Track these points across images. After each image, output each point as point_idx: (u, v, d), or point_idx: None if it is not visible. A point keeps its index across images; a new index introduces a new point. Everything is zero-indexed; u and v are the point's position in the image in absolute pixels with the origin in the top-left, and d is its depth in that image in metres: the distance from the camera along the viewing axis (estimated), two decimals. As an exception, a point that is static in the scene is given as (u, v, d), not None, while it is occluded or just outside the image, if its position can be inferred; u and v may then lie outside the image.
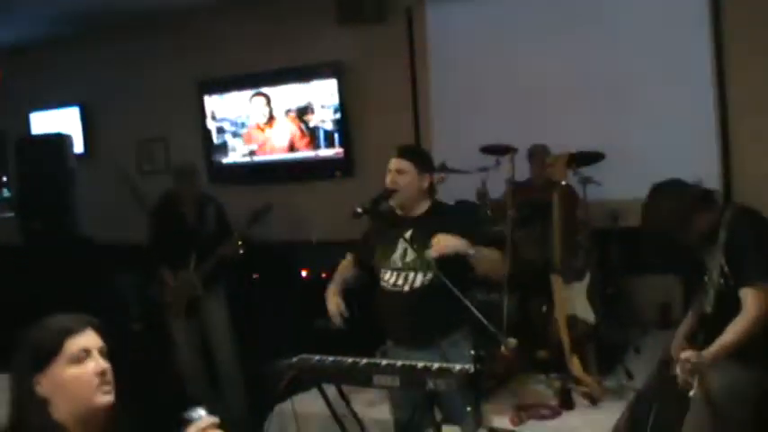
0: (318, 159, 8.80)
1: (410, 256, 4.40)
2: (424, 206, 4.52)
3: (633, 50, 7.36)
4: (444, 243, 4.12)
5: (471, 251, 4.10)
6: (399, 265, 4.43)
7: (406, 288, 4.40)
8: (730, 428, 3.96)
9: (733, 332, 3.76)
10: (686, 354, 3.72)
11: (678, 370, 3.79)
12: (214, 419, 2.40)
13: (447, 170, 6.53)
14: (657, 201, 4.12)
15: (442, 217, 4.47)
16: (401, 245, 4.44)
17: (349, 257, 4.86)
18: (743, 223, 3.93)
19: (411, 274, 4.37)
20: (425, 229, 4.37)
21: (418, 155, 4.58)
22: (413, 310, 4.34)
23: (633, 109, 7.35)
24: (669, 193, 4.10)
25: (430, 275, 4.30)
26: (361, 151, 8.67)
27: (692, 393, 3.55)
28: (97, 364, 2.43)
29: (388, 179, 4.44)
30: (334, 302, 4.57)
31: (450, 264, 4.18)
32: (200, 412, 2.40)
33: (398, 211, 4.52)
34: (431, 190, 4.59)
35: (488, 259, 4.32)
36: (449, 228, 4.28)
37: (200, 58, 9.29)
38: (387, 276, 4.50)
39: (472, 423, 3.14)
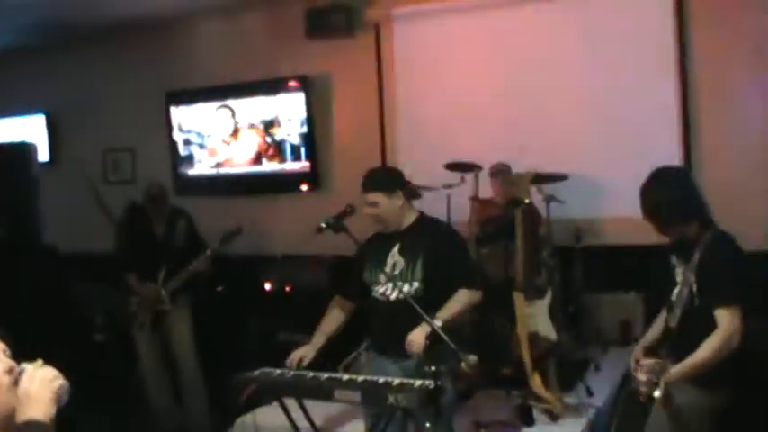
0: (285, 173, 8.78)
1: (398, 268, 4.45)
2: (410, 218, 4.58)
3: (596, 72, 7.43)
4: (417, 341, 4.12)
5: (438, 323, 4.09)
6: (386, 278, 4.46)
7: (392, 297, 4.45)
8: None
9: (706, 351, 3.79)
10: (651, 360, 3.76)
11: (640, 375, 3.82)
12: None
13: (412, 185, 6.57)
14: (668, 181, 4.13)
15: (430, 231, 4.54)
16: (390, 259, 4.49)
17: (337, 299, 4.83)
18: (720, 248, 3.95)
19: (398, 285, 4.40)
20: (412, 240, 4.47)
21: (382, 181, 4.59)
22: (396, 318, 4.35)
23: (596, 129, 7.40)
24: (681, 177, 4.16)
25: (416, 285, 4.35)
26: (327, 165, 8.67)
27: (656, 394, 3.57)
28: (4, 363, 2.31)
29: (365, 212, 4.50)
30: (299, 355, 4.53)
31: (436, 274, 4.31)
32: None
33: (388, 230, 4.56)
34: (410, 197, 4.64)
35: (459, 311, 4.37)
36: (434, 242, 4.42)
37: (168, 69, 9.28)
38: (376, 288, 4.53)
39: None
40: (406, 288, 4.37)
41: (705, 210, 4.10)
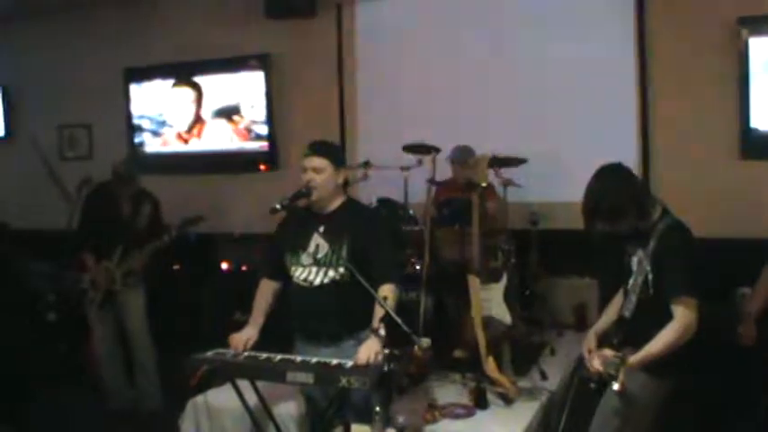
0: (243, 152, 8.76)
1: (322, 251, 4.41)
2: (337, 202, 4.53)
3: (558, 57, 7.45)
4: (367, 354, 4.03)
5: (382, 332, 4.03)
6: (311, 260, 4.43)
7: (317, 282, 4.42)
8: (634, 431, 4.05)
9: (661, 342, 3.83)
10: (610, 351, 3.78)
11: (598, 364, 3.84)
12: None
13: (370, 167, 6.56)
14: (608, 179, 4.11)
15: (355, 216, 4.50)
16: (313, 241, 4.45)
17: (265, 282, 4.78)
18: (674, 238, 3.99)
19: (322, 270, 4.38)
20: (338, 224, 4.42)
21: (333, 151, 4.56)
22: (321, 304, 4.35)
23: (555, 114, 7.44)
24: (620, 175, 4.12)
25: (341, 271, 4.32)
26: (286, 145, 8.64)
27: (615, 387, 3.60)
28: None
29: (306, 177, 4.42)
30: (244, 338, 4.50)
31: (361, 261, 4.25)
32: None
33: (313, 209, 4.52)
34: (345, 184, 4.61)
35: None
36: (360, 229, 4.37)
37: (127, 45, 9.20)
38: (298, 272, 4.50)
39: (381, 422, 3.15)
40: (331, 273, 4.35)
41: (650, 202, 4.12)
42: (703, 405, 5.57)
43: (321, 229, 4.44)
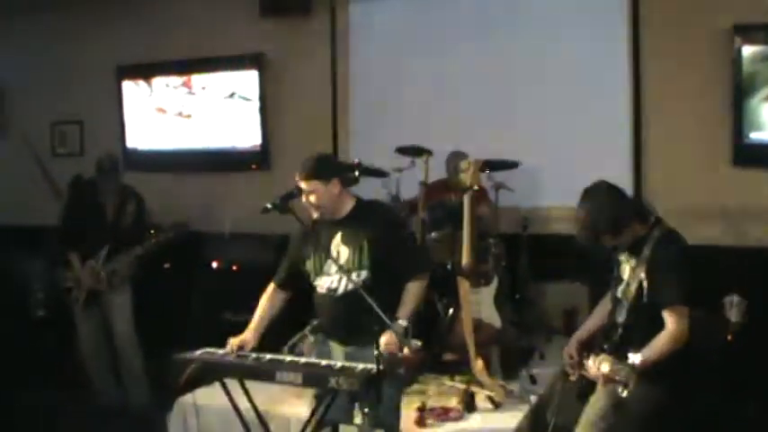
0: (236, 151, 8.75)
1: (343, 258, 4.41)
2: (348, 206, 4.53)
3: (552, 64, 7.47)
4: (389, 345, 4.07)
5: (404, 323, 4.09)
6: (333, 270, 4.43)
7: (341, 291, 4.41)
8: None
9: (654, 349, 3.84)
10: (620, 364, 3.78)
11: (604, 368, 3.83)
12: None
13: (362, 169, 6.55)
14: (596, 200, 4.13)
15: (370, 216, 4.50)
16: (334, 248, 4.45)
17: (273, 286, 4.78)
18: (668, 245, 4.02)
19: (346, 276, 4.38)
20: (354, 228, 4.44)
21: (317, 169, 4.53)
22: (347, 311, 4.33)
23: (548, 119, 7.44)
24: (609, 195, 4.13)
25: (364, 275, 4.32)
26: (278, 144, 8.63)
27: (624, 394, 3.61)
28: None
29: (305, 201, 4.45)
30: (238, 342, 4.47)
31: (383, 260, 4.30)
32: None
33: (326, 217, 4.52)
34: (347, 184, 4.61)
35: (417, 304, 4.38)
36: (377, 228, 4.39)
37: (120, 42, 9.15)
38: (321, 282, 4.50)
39: (369, 423, 3.15)
40: (354, 277, 4.35)
41: (643, 212, 4.14)
42: (697, 416, 5.59)
43: (339, 234, 4.45)
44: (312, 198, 4.41)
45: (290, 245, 4.74)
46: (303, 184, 4.41)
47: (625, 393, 3.59)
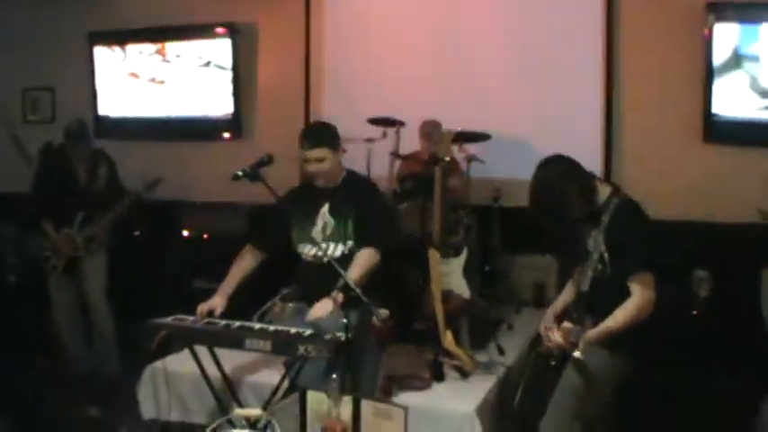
0: (208, 119, 8.72)
1: (330, 228, 4.45)
2: (340, 178, 4.56)
3: (526, 36, 7.50)
4: (321, 310, 4.14)
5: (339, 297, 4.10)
6: (319, 238, 4.45)
7: (326, 259, 4.42)
8: (592, 407, 4.10)
9: (619, 318, 3.88)
10: (569, 324, 3.81)
11: (558, 337, 3.88)
12: None
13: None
14: (547, 173, 4.15)
15: (358, 190, 4.55)
16: (321, 218, 4.48)
17: (249, 248, 4.80)
18: (626, 213, 4.04)
19: (331, 245, 4.41)
20: (342, 200, 4.51)
21: (329, 136, 4.57)
22: (330, 278, 4.32)
23: (521, 91, 7.47)
24: (559, 167, 4.15)
25: (350, 245, 4.34)
26: (250, 114, 8.62)
27: (576, 354, 3.64)
28: None
29: (310, 169, 4.44)
30: (207, 307, 4.50)
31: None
32: None
33: (318, 186, 4.53)
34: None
35: (361, 275, 4.37)
36: (361, 202, 4.48)
37: (91, 8, 9.07)
38: (306, 249, 4.54)
39: (337, 390, 3.17)
40: (340, 248, 4.38)
41: (595, 180, 4.17)
42: (663, 385, 5.66)
43: (327, 205, 4.48)
44: (320, 166, 4.42)
45: (278, 207, 4.73)
46: (312, 152, 4.45)
47: (577, 354, 3.63)
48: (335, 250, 4.43)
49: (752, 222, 6.19)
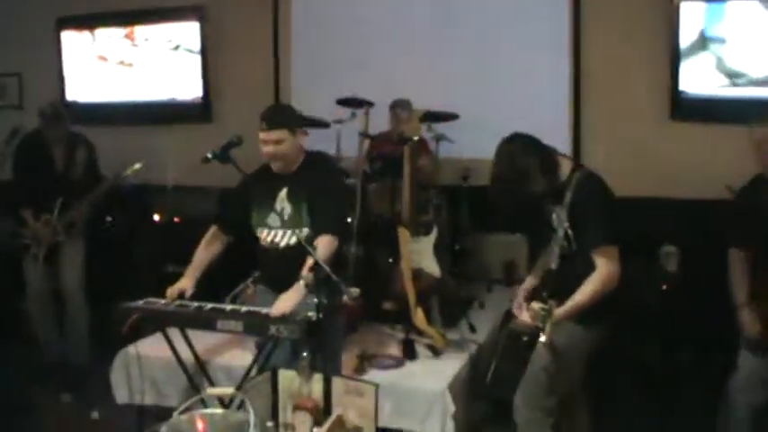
0: (177, 103, 8.69)
1: (287, 214, 4.43)
2: (299, 161, 4.53)
3: (492, 12, 7.52)
4: (284, 306, 4.11)
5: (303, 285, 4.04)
6: (278, 223, 4.45)
7: (282, 244, 4.46)
8: (565, 382, 4.15)
9: (585, 292, 3.92)
10: (538, 304, 3.84)
11: (527, 317, 3.92)
12: None
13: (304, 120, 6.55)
14: (507, 149, 4.18)
15: (315, 173, 4.51)
16: (279, 203, 4.46)
17: (214, 230, 4.79)
18: (588, 187, 4.06)
19: (288, 232, 4.40)
20: (299, 184, 4.46)
21: (288, 117, 4.53)
22: (289, 263, 4.29)
23: (489, 70, 7.50)
24: (519, 145, 4.17)
25: (306, 231, 4.33)
26: (219, 97, 8.60)
27: (542, 339, 3.67)
28: None
29: (267, 150, 4.42)
30: (177, 290, 4.51)
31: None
32: None
33: (277, 169, 4.52)
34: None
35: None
36: (316, 186, 4.41)
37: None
38: (264, 234, 4.52)
39: (308, 368, 3.19)
40: (294, 237, 4.37)
41: (557, 156, 4.20)
42: (630, 359, 5.73)
43: (285, 190, 4.45)
44: (278, 147, 4.39)
45: (238, 190, 4.74)
46: (270, 134, 4.38)
47: (543, 339, 3.67)
48: (290, 239, 4.42)
49: (720, 198, 6.24)
